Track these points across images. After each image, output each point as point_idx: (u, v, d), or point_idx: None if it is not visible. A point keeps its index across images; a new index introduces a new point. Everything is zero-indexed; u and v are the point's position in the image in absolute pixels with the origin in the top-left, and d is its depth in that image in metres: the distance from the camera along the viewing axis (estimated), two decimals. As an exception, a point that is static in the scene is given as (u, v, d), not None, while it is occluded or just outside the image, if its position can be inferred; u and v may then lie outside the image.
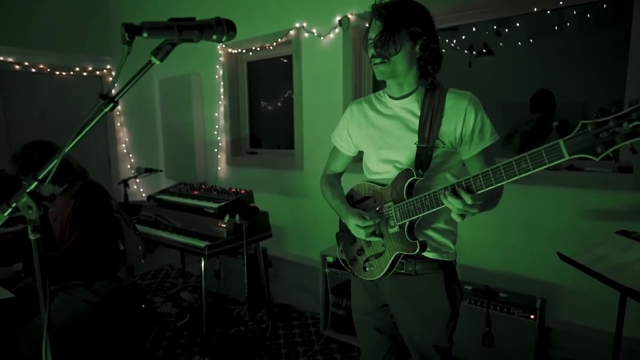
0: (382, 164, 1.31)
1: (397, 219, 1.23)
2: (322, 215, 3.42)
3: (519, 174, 0.94)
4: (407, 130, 1.25)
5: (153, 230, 2.61)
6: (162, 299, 3.12)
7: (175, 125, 4.23)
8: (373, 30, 1.20)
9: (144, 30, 0.64)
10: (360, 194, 1.40)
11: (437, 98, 1.21)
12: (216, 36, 0.71)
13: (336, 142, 1.51)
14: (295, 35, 3.34)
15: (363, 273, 1.38)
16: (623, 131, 0.80)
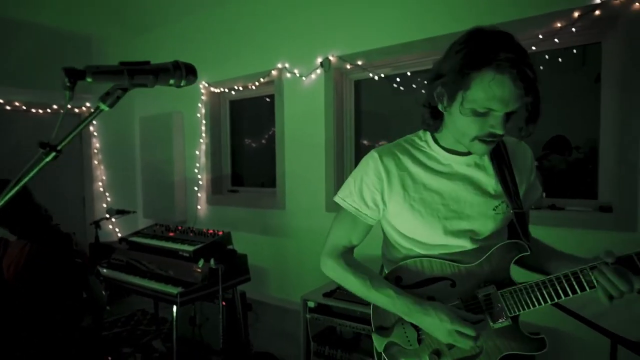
0: (451, 238, 1.00)
1: (509, 310, 0.94)
2: (306, 255, 3.32)
3: None
4: (481, 194, 1.00)
5: (123, 276, 2.46)
6: (131, 349, 2.90)
7: (155, 163, 4.15)
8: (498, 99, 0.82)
9: (88, 75, 0.59)
10: (422, 273, 1.02)
11: (502, 145, 1.02)
12: (174, 81, 0.66)
13: (356, 209, 1.06)
14: (278, 76, 3.38)
15: None
16: None
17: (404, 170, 1.02)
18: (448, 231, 1.00)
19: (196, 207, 4.00)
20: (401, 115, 3.08)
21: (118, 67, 0.61)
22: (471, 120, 0.87)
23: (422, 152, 1.04)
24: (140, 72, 0.62)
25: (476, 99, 0.84)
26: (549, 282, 0.90)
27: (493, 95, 0.81)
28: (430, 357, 0.99)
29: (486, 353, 0.95)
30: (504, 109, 0.83)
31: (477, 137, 0.89)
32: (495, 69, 0.80)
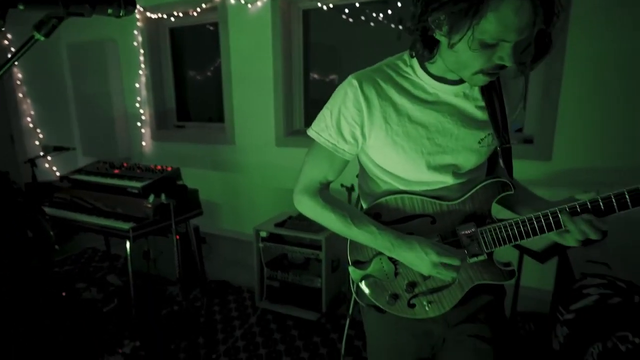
0: (434, 173, 0.94)
1: (486, 245, 0.94)
2: (257, 189, 3.40)
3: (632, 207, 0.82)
4: (470, 126, 0.93)
5: (70, 214, 2.41)
6: (85, 284, 2.94)
7: (91, 97, 3.86)
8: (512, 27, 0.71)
9: (20, 3, 0.56)
10: (402, 210, 0.98)
11: None
12: (112, 10, 0.65)
13: (333, 144, 0.97)
14: (221, 2, 3.16)
15: (408, 311, 1.02)
16: None
17: (386, 100, 0.91)
18: (431, 167, 0.94)
19: (140, 143, 3.86)
20: (353, 48, 3.05)
21: (51, -5, 0.59)
22: (478, 53, 0.76)
23: (406, 79, 0.93)
24: (76, 1, 0.60)
25: (489, 29, 0.71)
26: (527, 220, 0.90)
27: (511, 24, 0.70)
28: (406, 288, 1.01)
29: (459, 283, 0.98)
30: (516, 38, 0.72)
31: (482, 70, 0.79)
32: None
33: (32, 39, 0.62)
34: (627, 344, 1.18)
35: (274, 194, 3.30)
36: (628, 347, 1.17)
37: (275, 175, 3.27)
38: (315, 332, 2.42)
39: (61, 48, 4.02)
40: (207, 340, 2.35)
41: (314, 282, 2.53)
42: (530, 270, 2.32)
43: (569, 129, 2.27)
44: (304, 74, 3.22)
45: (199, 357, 2.22)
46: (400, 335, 1.06)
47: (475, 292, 1.00)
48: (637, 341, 1.17)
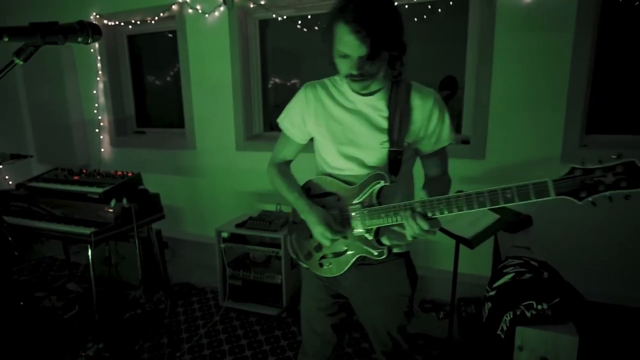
0: (345, 161, 1.24)
1: (364, 224, 1.20)
2: (218, 193, 3.49)
3: (502, 202, 0.98)
4: (373, 129, 1.19)
5: (27, 221, 2.41)
6: (44, 293, 2.91)
7: (46, 104, 3.80)
8: (346, 45, 1.03)
9: (4, 35, 0.68)
10: (321, 188, 1.30)
11: (404, 95, 1.18)
12: (81, 39, 0.77)
13: (286, 128, 1.35)
14: (179, 11, 3.25)
15: (319, 269, 1.31)
16: (607, 182, 0.88)
17: (319, 101, 1.27)
18: (341, 154, 1.23)
19: (99, 150, 3.84)
20: (312, 54, 3.23)
21: (31, 29, 0.70)
22: (339, 61, 1.10)
23: (337, 89, 1.25)
24: (51, 33, 0.72)
25: (337, 44, 1.06)
26: (390, 209, 1.14)
27: (344, 42, 1.03)
28: (315, 247, 1.31)
29: (351, 251, 1.24)
30: (354, 53, 1.04)
31: (346, 75, 1.11)
32: (344, 22, 1.01)
33: (12, 63, 0.73)
34: (532, 310, 1.41)
35: (235, 197, 3.41)
36: (532, 313, 1.41)
37: (236, 179, 3.38)
38: (276, 327, 2.56)
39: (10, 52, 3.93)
40: (171, 340, 2.42)
41: (274, 279, 2.66)
42: (472, 260, 2.58)
43: (499, 130, 2.55)
44: (262, 80, 3.36)
45: (162, 357, 2.29)
46: (320, 290, 1.38)
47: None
48: (539, 308, 1.41)
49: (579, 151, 2.38)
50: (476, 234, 1.95)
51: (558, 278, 1.61)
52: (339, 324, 1.43)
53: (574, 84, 2.33)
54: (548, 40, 2.35)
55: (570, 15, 2.27)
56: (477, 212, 2.11)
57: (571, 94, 2.35)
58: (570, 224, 2.48)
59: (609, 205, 0.93)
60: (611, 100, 2.47)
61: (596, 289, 2.38)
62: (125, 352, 2.29)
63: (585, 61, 2.28)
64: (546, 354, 1.36)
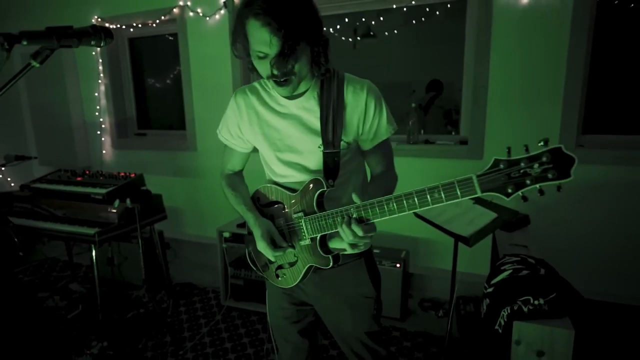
0: (286, 167, 1.19)
1: (307, 232, 1.14)
2: (219, 194, 3.49)
3: (431, 204, 0.91)
4: (308, 132, 1.14)
5: (31, 222, 2.44)
6: (47, 293, 2.94)
7: (47, 106, 3.84)
8: (260, 42, 0.95)
9: (24, 39, 0.71)
10: (267, 197, 1.25)
11: (336, 91, 1.11)
12: (94, 42, 0.80)
13: (226, 140, 1.31)
14: (180, 14, 3.29)
15: (276, 280, 1.28)
16: (534, 173, 0.79)
17: (251, 108, 1.20)
18: (282, 161, 1.18)
19: (101, 151, 3.87)
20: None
21: (48, 33, 0.74)
22: (258, 63, 1.01)
23: (268, 93, 1.18)
24: (66, 36, 0.75)
25: (252, 45, 0.98)
26: (329, 215, 1.07)
27: (257, 39, 0.95)
28: (268, 260, 1.26)
29: (300, 260, 1.20)
30: (270, 51, 0.95)
31: (269, 77, 1.02)
32: (253, 16, 0.92)
33: (28, 66, 0.76)
34: (529, 305, 1.45)
35: (236, 198, 3.44)
36: (529, 308, 1.44)
37: (237, 180, 3.41)
38: (278, 325, 2.58)
39: (14, 56, 3.96)
40: (174, 339, 2.45)
41: (276, 278, 2.69)
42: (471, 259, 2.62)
43: (497, 130, 2.59)
44: (262, 83, 3.39)
45: (166, 355, 2.32)
46: (283, 299, 1.34)
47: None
48: (536, 303, 1.44)
49: (576, 151, 2.41)
50: (474, 232, 1.98)
51: (555, 274, 1.65)
52: (307, 329, 1.39)
53: (570, 84, 2.37)
54: (544, 41, 2.39)
55: (566, 16, 2.32)
56: (474, 212, 2.16)
57: (567, 94, 2.39)
58: (567, 224, 2.52)
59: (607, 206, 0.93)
60: (607, 100, 2.52)
61: (593, 288, 2.42)
62: (129, 350, 2.32)
63: (581, 61, 2.32)
64: (543, 348, 1.39)
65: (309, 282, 1.25)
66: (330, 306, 1.29)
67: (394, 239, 2.90)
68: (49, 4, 3.73)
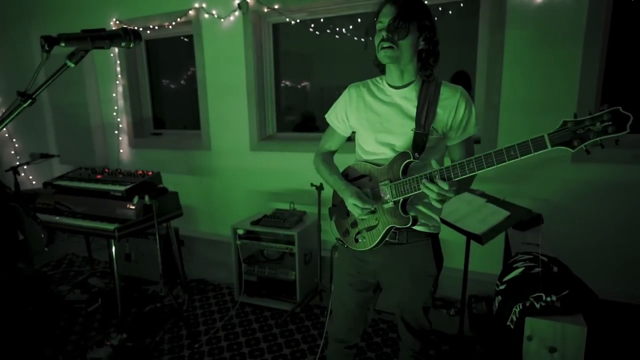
0: (380, 146, 1.39)
1: (392, 195, 1.33)
2: (232, 193, 3.59)
3: (507, 160, 1.09)
4: (405, 117, 1.34)
5: (54, 218, 2.53)
6: (68, 287, 3.03)
7: (67, 106, 3.95)
8: (385, 15, 1.26)
9: (62, 41, 0.76)
10: (357, 171, 1.47)
11: (433, 89, 1.31)
12: (124, 43, 0.86)
13: (332, 122, 1.55)
14: (195, 16, 3.36)
15: (355, 244, 1.45)
16: (596, 129, 0.97)
17: (360, 97, 1.45)
18: (378, 141, 1.39)
19: (118, 151, 3.97)
20: (323, 57, 3.30)
21: (82, 35, 0.79)
22: (377, 38, 1.29)
23: (377, 87, 1.43)
24: (99, 38, 0.81)
25: (377, 25, 1.29)
26: (413, 179, 1.27)
27: (383, 14, 1.27)
28: (351, 224, 1.47)
29: (381, 223, 1.38)
30: (386, 17, 1.26)
31: (378, 45, 1.28)
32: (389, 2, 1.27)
33: (64, 66, 0.82)
34: (541, 302, 1.46)
35: (248, 197, 3.50)
36: (541, 305, 1.45)
37: (250, 179, 3.47)
38: (290, 321, 2.63)
39: (36, 58, 4.10)
40: (190, 332, 2.51)
41: (288, 275, 2.74)
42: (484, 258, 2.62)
43: (510, 129, 2.59)
44: (275, 83, 3.45)
45: (182, 347, 2.38)
46: (352, 267, 1.52)
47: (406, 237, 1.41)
48: (548, 299, 1.45)
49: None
50: (486, 230, 1.99)
51: (567, 272, 1.65)
52: (364, 301, 1.57)
53: (585, 84, 2.36)
54: (559, 41, 2.39)
55: (581, 15, 2.31)
56: (487, 210, 2.17)
57: (582, 93, 2.38)
58: (582, 223, 2.51)
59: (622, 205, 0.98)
60: (624, 98, 2.50)
61: (608, 288, 2.40)
62: (147, 342, 2.39)
63: (596, 60, 2.31)
64: (555, 344, 1.40)
65: (381, 254, 1.44)
66: (395, 277, 1.46)
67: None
68: (69, 7, 3.85)
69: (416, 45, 1.28)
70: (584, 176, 2.46)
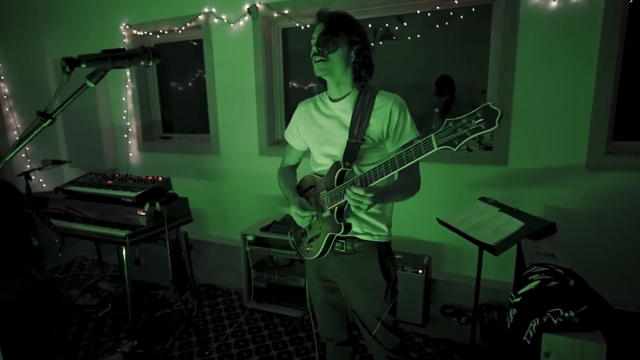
0: (324, 158, 1.47)
1: (327, 205, 1.40)
2: (241, 197, 3.58)
3: (406, 162, 1.13)
4: (342, 128, 1.40)
5: (65, 223, 2.54)
6: (78, 291, 3.05)
7: (77, 111, 3.96)
8: (316, 31, 1.36)
9: (82, 62, 0.76)
10: (306, 183, 1.56)
11: (368, 99, 1.38)
12: (144, 62, 0.85)
13: (288, 138, 1.66)
14: (205, 20, 3.36)
15: (306, 253, 1.54)
16: (472, 127, 0.99)
17: (307, 112, 1.54)
18: (322, 153, 1.48)
19: (127, 154, 3.98)
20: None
21: (103, 55, 0.78)
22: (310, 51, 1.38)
23: (322, 101, 1.52)
24: (119, 58, 0.80)
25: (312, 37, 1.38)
26: (341, 187, 1.32)
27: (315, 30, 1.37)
28: (301, 234, 1.56)
29: (323, 232, 1.45)
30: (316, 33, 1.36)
31: (312, 57, 1.37)
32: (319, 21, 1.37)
33: (84, 86, 0.81)
34: (559, 317, 1.43)
35: (257, 201, 3.49)
36: (559, 321, 1.43)
37: (259, 183, 3.46)
38: (300, 328, 2.62)
39: (47, 63, 4.12)
40: (200, 339, 2.51)
41: (298, 282, 2.73)
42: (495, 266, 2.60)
43: (523, 135, 2.56)
44: (284, 88, 3.44)
45: (192, 354, 2.38)
46: (313, 276, 1.61)
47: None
48: (566, 315, 1.43)
49: (606, 158, 2.36)
50: (500, 240, 1.97)
51: (585, 286, 1.62)
52: (336, 302, 1.61)
53: (600, 90, 2.32)
54: (573, 46, 2.35)
55: (596, 19, 2.27)
56: (501, 220, 2.14)
57: (597, 99, 2.34)
58: (597, 232, 2.47)
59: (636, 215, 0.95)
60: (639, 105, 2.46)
61: (624, 299, 2.36)
62: (157, 349, 2.39)
63: (612, 66, 2.27)
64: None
65: (334, 263, 1.49)
66: (347, 286, 1.51)
67: (416, 244, 2.90)
68: (80, 11, 3.86)
69: (347, 58, 1.35)
70: (598, 183, 2.42)
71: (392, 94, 1.40)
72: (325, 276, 1.58)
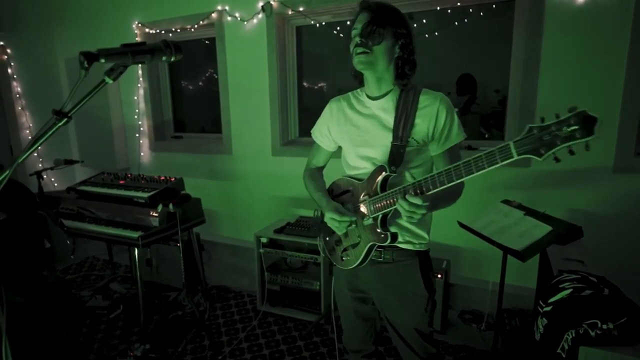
0: (360, 160, 1.36)
1: (370, 212, 1.28)
2: (254, 197, 3.53)
3: (475, 171, 1.01)
4: (383, 129, 1.29)
5: (77, 224, 2.51)
6: (89, 292, 3.02)
7: (89, 110, 3.94)
8: (359, 21, 1.24)
9: (101, 57, 0.70)
10: (340, 187, 1.45)
11: (412, 98, 1.26)
12: (165, 57, 0.79)
13: (316, 138, 1.54)
14: (218, 18, 3.31)
15: (340, 262, 1.43)
16: (563, 134, 0.90)
17: (340, 111, 1.43)
18: (358, 155, 1.37)
19: (139, 154, 3.95)
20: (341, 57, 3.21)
21: (123, 49, 0.73)
22: (352, 45, 1.26)
23: (357, 99, 1.40)
24: (140, 52, 0.74)
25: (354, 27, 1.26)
26: (389, 194, 1.21)
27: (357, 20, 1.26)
28: (336, 242, 1.45)
29: (363, 241, 1.34)
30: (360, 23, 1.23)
31: (353, 53, 1.26)
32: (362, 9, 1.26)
33: (102, 82, 0.75)
34: (597, 330, 1.35)
35: (270, 202, 3.44)
36: (597, 333, 1.34)
37: (272, 184, 3.41)
38: (315, 333, 2.55)
39: (59, 62, 4.11)
40: (212, 343, 2.46)
41: (312, 285, 2.66)
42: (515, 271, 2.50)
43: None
44: (298, 87, 3.38)
45: (205, 359, 2.33)
46: (347, 279, 1.49)
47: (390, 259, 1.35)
48: (604, 327, 1.34)
49: (635, 160, 2.26)
50: (527, 246, 1.89)
51: (620, 295, 1.53)
52: (366, 313, 1.53)
53: (629, 90, 2.23)
54: (601, 43, 2.26)
55: (626, 16, 2.17)
56: (526, 224, 2.05)
57: (626, 98, 2.24)
58: (621, 237, 2.37)
59: None
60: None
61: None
62: (169, 352, 2.34)
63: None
64: (613, 376, 1.29)
65: (369, 272, 1.39)
66: (385, 297, 1.41)
67: (435, 248, 2.79)
68: (92, 10, 3.84)
69: (392, 52, 1.25)
70: (627, 186, 2.32)
71: (437, 92, 1.29)
72: (356, 286, 1.48)
